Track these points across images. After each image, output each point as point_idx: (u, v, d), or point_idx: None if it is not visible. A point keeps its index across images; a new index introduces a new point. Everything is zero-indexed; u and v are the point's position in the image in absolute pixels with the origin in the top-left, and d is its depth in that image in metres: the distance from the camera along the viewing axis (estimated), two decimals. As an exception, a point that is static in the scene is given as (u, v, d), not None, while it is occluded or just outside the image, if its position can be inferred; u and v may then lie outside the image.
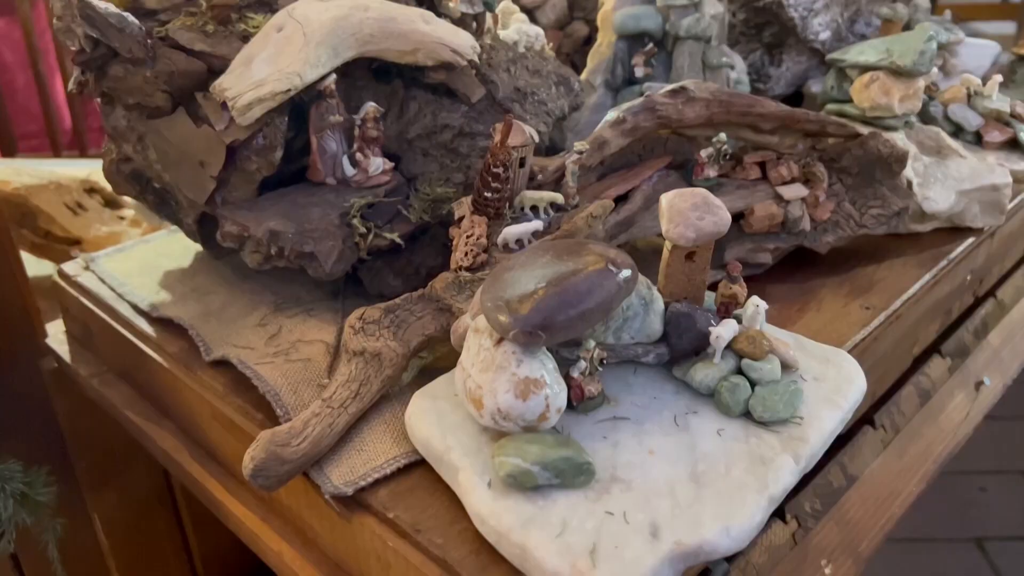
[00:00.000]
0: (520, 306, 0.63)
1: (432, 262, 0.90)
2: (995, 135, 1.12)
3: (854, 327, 0.90)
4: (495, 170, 0.80)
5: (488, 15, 1.03)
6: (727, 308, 0.75)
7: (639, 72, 1.16)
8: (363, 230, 0.84)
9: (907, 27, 1.42)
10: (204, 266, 1.00)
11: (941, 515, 2.11)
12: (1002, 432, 2.40)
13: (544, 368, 0.63)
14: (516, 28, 0.98)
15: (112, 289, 0.97)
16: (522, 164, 0.84)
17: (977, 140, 1.13)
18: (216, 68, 0.81)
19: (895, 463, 0.98)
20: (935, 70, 1.11)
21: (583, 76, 1.18)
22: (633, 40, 1.16)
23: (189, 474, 0.86)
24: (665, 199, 0.72)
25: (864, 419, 0.99)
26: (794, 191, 0.96)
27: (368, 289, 0.92)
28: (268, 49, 0.78)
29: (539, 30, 1.00)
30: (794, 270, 0.99)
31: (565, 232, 0.80)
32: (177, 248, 1.04)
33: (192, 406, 0.85)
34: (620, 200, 0.91)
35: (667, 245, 0.73)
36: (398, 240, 0.86)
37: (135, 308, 0.93)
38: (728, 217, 0.72)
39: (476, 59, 0.89)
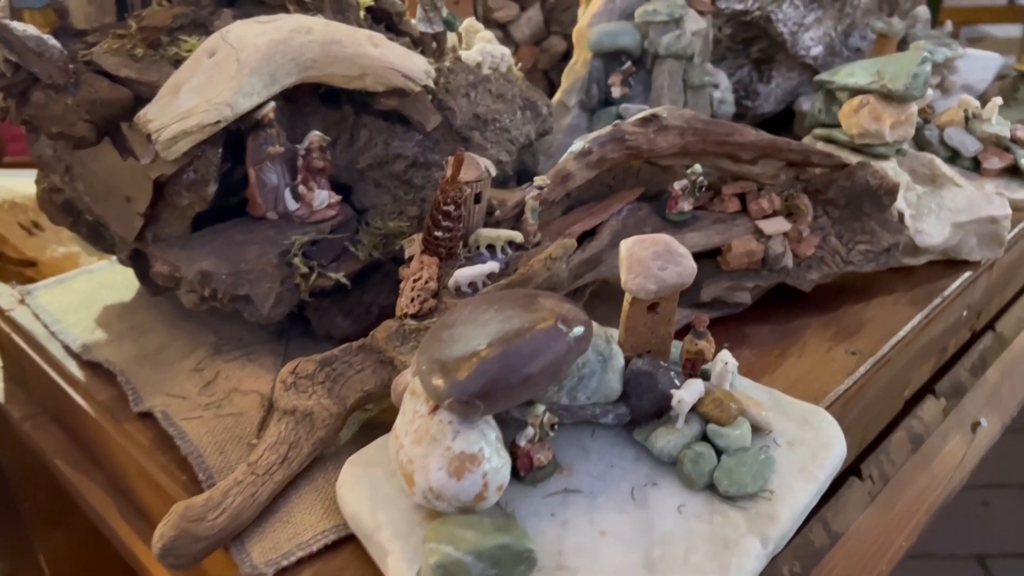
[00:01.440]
0: (458, 370, 0.56)
1: (385, 301, 0.84)
2: (994, 161, 1.05)
3: (838, 375, 0.83)
4: (446, 208, 0.74)
5: (453, 34, 0.96)
6: (693, 364, 0.68)
7: (616, 92, 1.09)
8: (305, 270, 0.78)
9: (903, 42, 1.35)
10: (145, 301, 0.93)
11: (941, 530, 2.03)
12: (1005, 445, 2.33)
13: (484, 439, 0.57)
14: (480, 48, 0.91)
15: (45, 326, 0.90)
16: (477, 200, 0.77)
17: (975, 166, 1.06)
18: (144, 96, 0.74)
19: (883, 516, 0.91)
20: (930, 92, 1.04)
21: (557, 96, 1.11)
22: (610, 58, 1.09)
23: (116, 533, 0.79)
24: (625, 246, 0.66)
25: (850, 470, 0.93)
26: (775, 225, 0.89)
27: (316, 329, 0.86)
28: (197, 76, 0.72)
29: (505, 50, 0.94)
30: (776, 308, 0.92)
31: (521, 276, 0.74)
32: (120, 279, 0.97)
33: (120, 460, 0.79)
34: (587, 236, 0.85)
35: (627, 296, 0.66)
36: (343, 280, 0.79)
37: (66, 349, 0.87)
38: (693, 267, 0.66)
39: (431, 84, 0.83)
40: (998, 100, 1.06)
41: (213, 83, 0.72)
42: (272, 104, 0.76)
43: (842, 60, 1.40)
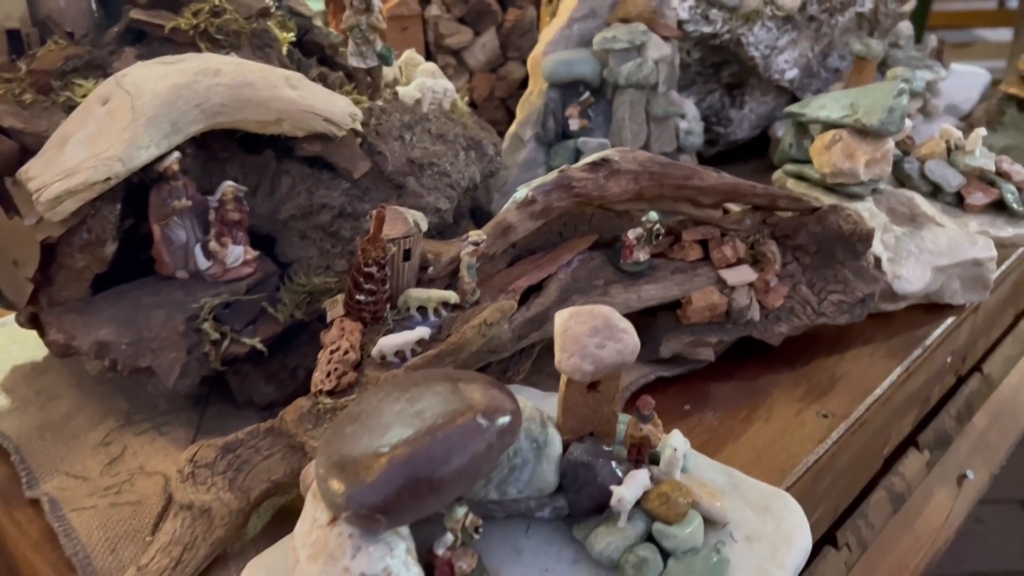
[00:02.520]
0: (358, 475, 0.49)
1: (311, 364, 0.76)
2: (978, 196, 0.98)
3: (808, 443, 0.76)
4: (367, 270, 0.66)
5: (391, 69, 0.89)
6: (639, 450, 0.60)
7: (574, 125, 1.02)
8: (215, 336, 0.70)
9: (883, 63, 1.28)
10: (57, 361, 0.86)
11: (934, 549, 1.97)
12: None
13: (391, 554, 0.49)
14: (420, 84, 0.84)
15: (-56, 391, 0.82)
16: (406, 257, 0.70)
17: (958, 201, 0.99)
18: (31, 148, 0.67)
19: (862, 588, 0.84)
20: (908, 123, 0.97)
21: (512, 128, 1.04)
22: (567, 89, 1.02)
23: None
24: (559, 320, 0.58)
25: (824, 538, 0.86)
26: (740, 275, 0.82)
27: (236, 395, 0.78)
28: (87, 127, 0.64)
29: (448, 85, 0.86)
30: (742, 363, 0.85)
31: (452, 345, 0.66)
32: (32, 335, 0.89)
33: (11, 551, 0.71)
34: (534, 290, 0.77)
35: (563, 377, 0.59)
36: (259, 346, 0.72)
37: (-36, 418, 0.79)
38: (635, 343, 0.58)
39: (358, 127, 0.75)
40: (982, 131, 0.99)
41: (104, 135, 0.64)
42: (176, 155, 0.68)
43: (820, 82, 1.33)
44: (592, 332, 0.57)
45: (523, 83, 1.17)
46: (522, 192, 0.76)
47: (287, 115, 0.71)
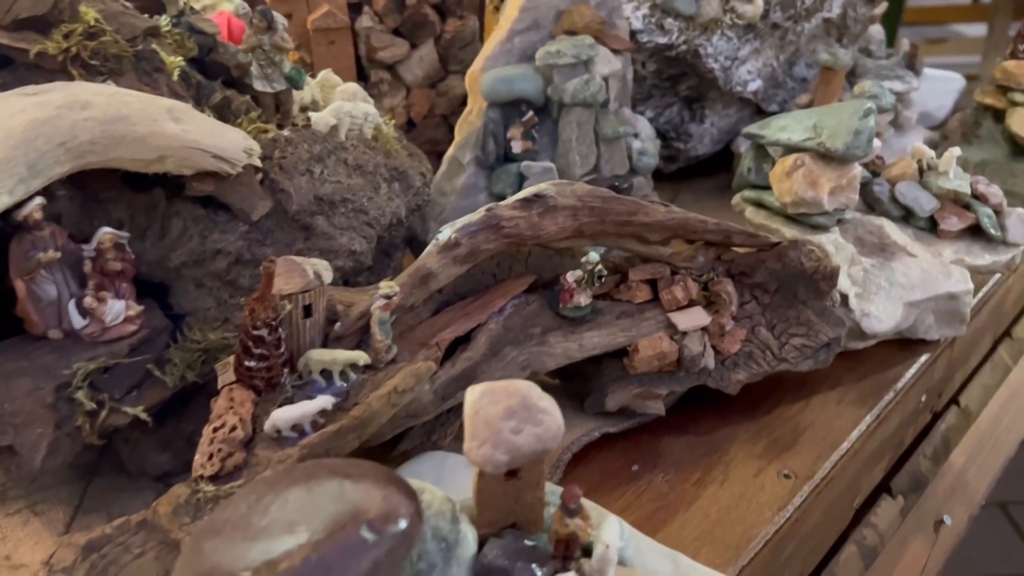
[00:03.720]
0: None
1: (212, 428, 0.67)
2: (953, 222, 0.90)
3: (768, 509, 0.68)
4: (256, 332, 0.58)
5: (309, 90, 0.80)
6: (567, 546, 0.52)
7: (516, 147, 0.94)
8: (91, 406, 0.61)
9: (852, 73, 1.21)
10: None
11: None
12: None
13: None
14: (335, 108, 0.75)
15: None
16: (307, 313, 0.61)
17: (931, 226, 0.92)
18: None
19: (830, 660, 0.76)
20: (877, 143, 0.89)
21: (450, 151, 0.95)
22: (509, 108, 0.93)
23: None
24: (469, 400, 0.50)
25: (789, 607, 0.78)
26: (692, 319, 0.74)
27: (127, 465, 0.70)
28: (-76, 172, 0.55)
29: (369, 109, 0.78)
30: (696, 413, 0.77)
31: (355, 421, 0.58)
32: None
33: None
34: (461, 342, 0.69)
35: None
36: (143, 416, 0.63)
37: None
38: (558, 425, 0.50)
39: (256, 162, 0.66)
40: (956, 151, 0.91)
41: (-57, 182, 0.55)
42: (37, 202, 0.59)
43: (786, 92, 1.25)
44: (507, 414, 0.49)
45: (465, 99, 1.09)
46: (445, 233, 0.67)
47: (169, 152, 0.62)
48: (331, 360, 0.61)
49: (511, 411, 0.49)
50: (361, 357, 0.62)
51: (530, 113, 0.94)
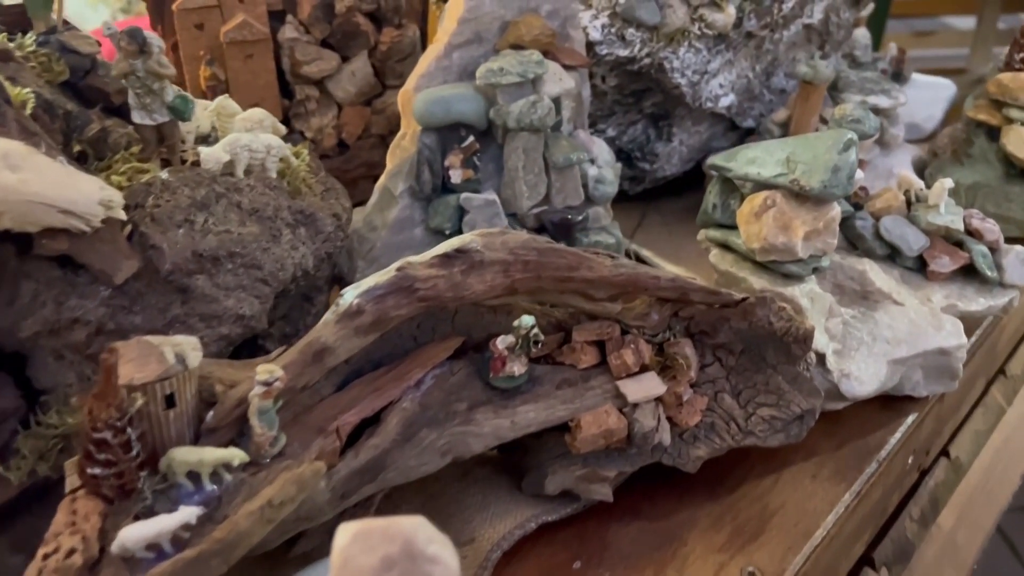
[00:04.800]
0: None
1: (76, 525, 0.57)
2: (943, 262, 0.80)
3: (728, 620, 0.58)
4: (98, 436, 0.47)
5: (203, 121, 0.70)
6: None
7: (456, 177, 0.83)
8: (-90, 516, 0.51)
9: (834, 86, 1.11)
10: None
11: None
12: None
13: None
14: (230, 142, 0.64)
15: None
16: (170, 404, 0.51)
17: (920, 266, 0.82)
18: None
19: None
20: (859, 174, 0.79)
21: (382, 180, 0.84)
22: (447, 131, 0.83)
23: None
24: (338, 544, 0.39)
25: None
26: (644, 388, 0.64)
27: (-24, 570, 0.59)
28: None
29: (273, 141, 0.67)
30: (650, 493, 0.67)
31: (219, 544, 0.47)
32: None
33: None
34: (370, 423, 0.59)
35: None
36: (-23, 526, 0.52)
37: None
38: (454, 570, 0.40)
39: (119, 215, 0.55)
40: (947, 183, 0.81)
41: None
42: None
43: (763, 106, 1.15)
44: (384, 566, 0.38)
45: (406, 117, 0.98)
46: (348, 297, 0.57)
47: (4, 207, 0.51)
48: (198, 460, 0.51)
49: (390, 561, 0.39)
50: (236, 455, 0.51)
51: (471, 138, 0.83)
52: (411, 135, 0.84)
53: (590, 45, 0.95)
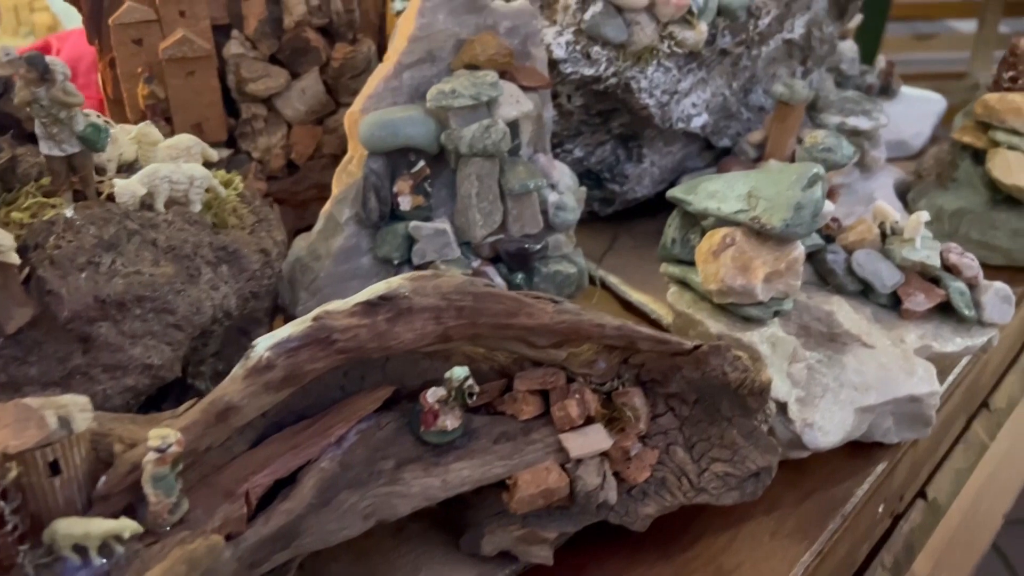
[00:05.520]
0: None
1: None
2: (919, 299, 0.76)
3: None
4: (-35, 512, 0.43)
5: (126, 149, 0.65)
6: None
7: (405, 204, 0.79)
8: None
9: (812, 106, 1.06)
10: None
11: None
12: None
13: None
14: (148, 174, 0.60)
15: None
16: (55, 470, 0.46)
17: (894, 303, 0.77)
18: None
19: None
20: (829, 207, 0.75)
21: (326, 207, 0.80)
22: (397, 156, 0.78)
23: None
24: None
25: None
26: (588, 443, 0.60)
27: None
28: None
29: (198, 172, 0.62)
30: (596, 554, 0.63)
31: (94, 632, 0.43)
32: None
33: None
34: (285, 484, 0.54)
35: None
36: None
37: None
38: None
39: (11, 259, 0.51)
40: (923, 216, 0.77)
41: None
42: None
43: (741, 124, 1.10)
44: None
45: (361, 136, 0.93)
46: (258, 349, 0.52)
47: None
48: (84, 533, 0.46)
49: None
50: (127, 527, 0.47)
51: (421, 164, 0.79)
52: (358, 159, 0.79)
53: (554, 63, 0.90)
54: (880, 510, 0.77)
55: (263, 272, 0.64)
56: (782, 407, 0.66)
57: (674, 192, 0.73)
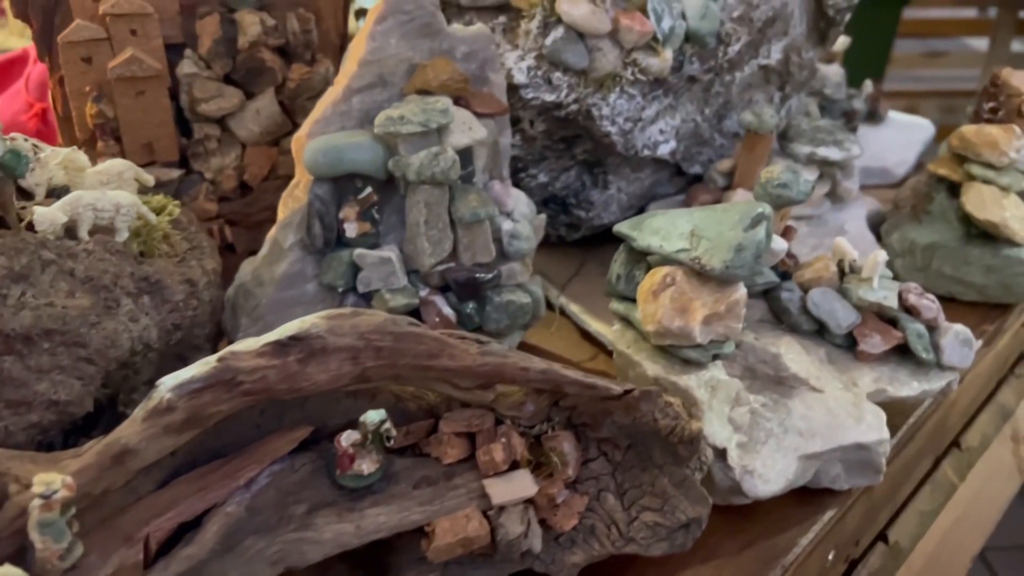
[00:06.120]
0: None
1: None
2: (875, 341, 0.74)
3: None
4: None
5: (56, 173, 0.64)
6: None
7: (350, 231, 0.77)
8: None
9: (783, 135, 1.04)
10: None
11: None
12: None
13: None
14: (70, 201, 0.59)
15: None
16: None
17: (850, 343, 0.75)
18: None
19: None
20: (781, 244, 0.73)
21: (272, 231, 0.78)
22: (345, 181, 0.77)
23: None
24: None
25: None
26: (512, 489, 0.58)
27: None
28: None
29: (123, 198, 0.61)
30: (524, 602, 0.61)
31: None
32: None
33: None
34: (189, 528, 0.53)
35: None
36: None
37: None
38: None
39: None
40: (882, 255, 0.75)
41: None
42: None
43: (713, 150, 1.08)
44: None
45: (319, 158, 0.91)
46: (161, 389, 0.51)
47: None
48: (-45, 586, 0.45)
49: None
50: (11, 574, 0.45)
51: (368, 190, 0.77)
52: (304, 184, 0.78)
53: (515, 88, 0.88)
54: (831, 556, 0.75)
55: (187, 303, 0.62)
56: (721, 453, 0.64)
57: (620, 227, 0.71)
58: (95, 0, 0.80)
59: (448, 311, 0.80)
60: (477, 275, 0.80)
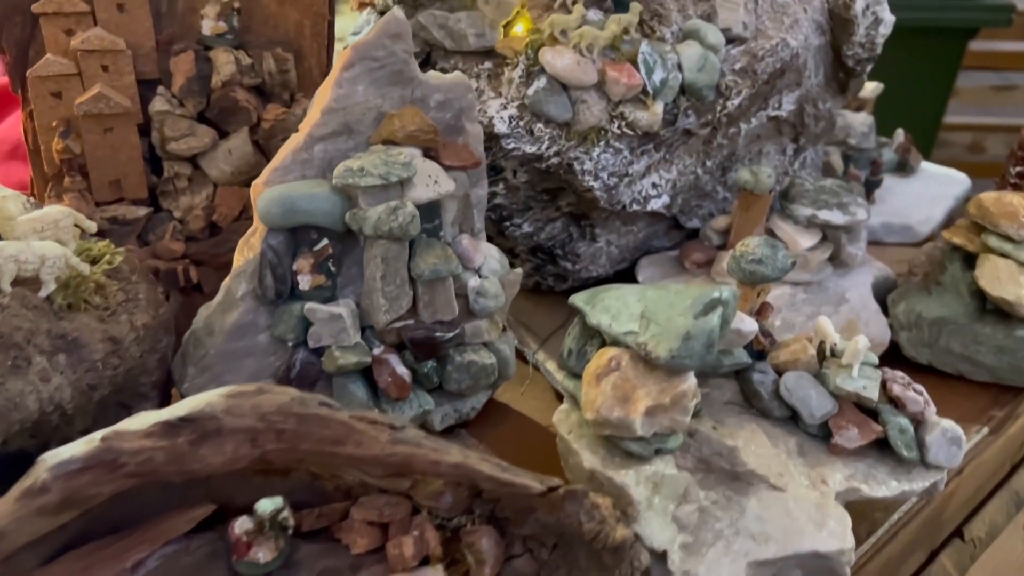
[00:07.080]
0: None
1: None
2: (851, 435, 0.68)
3: None
4: None
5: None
6: None
7: (304, 283, 0.74)
8: None
9: (785, 195, 0.99)
10: None
11: None
12: None
13: None
14: (-6, 252, 0.57)
15: None
16: None
17: (826, 433, 0.70)
18: None
19: None
20: (751, 323, 0.67)
21: (227, 280, 0.76)
22: (301, 232, 0.74)
23: None
24: None
25: None
26: (420, 589, 0.54)
27: None
28: None
29: (49, 250, 0.59)
30: None
31: None
32: None
33: None
34: (71, 610, 0.50)
35: None
36: None
37: None
38: None
39: None
40: (863, 341, 0.69)
41: None
42: None
43: (716, 204, 1.03)
44: None
45: (293, 199, 0.89)
46: (40, 467, 0.48)
47: None
48: None
49: None
50: None
51: (324, 242, 0.74)
52: (260, 233, 0.75)
53: (497, 137, 0.85)
54: (790, 665, 0.69)
55: (106, 362, 0.60)
56: (662, 556, 0.59)
57: (575, 298, 0.67)
58: (68, 34, 0.79)
59: (403, 370, 0.76)
60: (436, 334, 0.77)
